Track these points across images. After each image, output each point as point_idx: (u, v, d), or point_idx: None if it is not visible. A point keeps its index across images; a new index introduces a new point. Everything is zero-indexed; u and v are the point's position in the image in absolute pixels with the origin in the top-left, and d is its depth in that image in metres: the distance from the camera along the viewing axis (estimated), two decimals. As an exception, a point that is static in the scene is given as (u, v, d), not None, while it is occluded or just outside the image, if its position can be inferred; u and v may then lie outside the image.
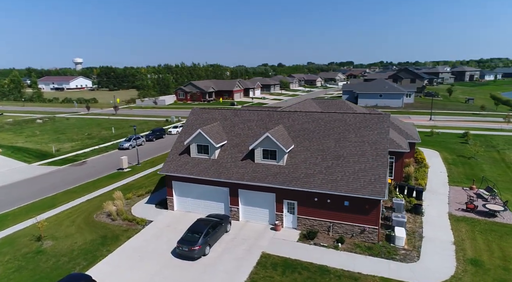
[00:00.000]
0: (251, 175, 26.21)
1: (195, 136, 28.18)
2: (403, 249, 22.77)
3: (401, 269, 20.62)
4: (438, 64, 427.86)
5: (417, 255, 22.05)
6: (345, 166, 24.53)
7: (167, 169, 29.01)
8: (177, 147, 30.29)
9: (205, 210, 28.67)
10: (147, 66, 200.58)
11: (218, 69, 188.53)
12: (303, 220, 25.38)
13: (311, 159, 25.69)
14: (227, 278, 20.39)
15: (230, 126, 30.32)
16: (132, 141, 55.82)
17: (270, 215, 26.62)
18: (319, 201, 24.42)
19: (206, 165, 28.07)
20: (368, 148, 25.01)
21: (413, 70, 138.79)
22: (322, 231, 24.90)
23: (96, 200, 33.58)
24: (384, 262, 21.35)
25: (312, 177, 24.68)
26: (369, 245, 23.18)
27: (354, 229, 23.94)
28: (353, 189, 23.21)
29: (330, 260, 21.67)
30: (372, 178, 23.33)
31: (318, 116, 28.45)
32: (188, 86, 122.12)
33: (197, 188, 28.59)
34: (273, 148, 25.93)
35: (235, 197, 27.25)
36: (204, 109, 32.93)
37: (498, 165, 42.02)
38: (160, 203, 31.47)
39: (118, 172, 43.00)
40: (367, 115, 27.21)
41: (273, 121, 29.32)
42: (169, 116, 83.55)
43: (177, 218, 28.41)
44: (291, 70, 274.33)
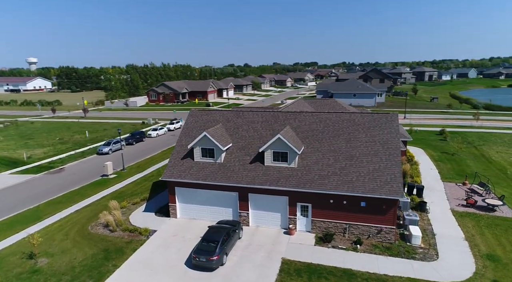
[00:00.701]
0: (262, 178, 25.34)
1: (199, 139, 26.82)
2: (420, 247, 22.93)
3: (424, 268, 20.67)
4: (397, 65, 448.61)
5: (435, 253, 22.27)
6: (359, 166, 24.34)
7: (169, 174, 27.39)
8: (178, 151, 28.73)
9: (212, 216, 27.41)
10: (113, 67, 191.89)
11: (188, 70, 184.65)
12: (318, 223, 24.90)
13: (323, 160, 25.27)
14: (252, 288, 19.44)
15: (234, 128, 29.24)
16: (112, 145, 52.84)
17: (282, 219, 25.89)
18: (335, 202, 24.05)
19: (212, 169, 26.81)
20: (380, 148, 25.01)
21: (381, 70, 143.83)
22: (337, 233, 24.55)
23: (86, 210, 31.14)
24: (406, 262, 21.33)
25: (327, 178, 24.27)
26: (387, 245, 23.12)
27: (371, 230, 23.81)
28: (370, 190, 23.05)
29: (353, 263, 21.33)
30: (388, 178, 23.30)
31: (326, 117, 28.12)
32: (161, 87, 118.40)
33: (203, 194, 27.26)
34: (284, 149, 25.23)
35: (244, 201, 26.25)
36: (204, 111, 31.56)
37: (480, 160, 44.11)
38: (160, 210, 29.74)
39: (102, 178, 40.34)
40: (375, 115, 27.27)
41: (279, 123, 28.61)
42: (146, 119, 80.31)
43: (182, 226, 26.90)
44: (260, 70, 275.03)
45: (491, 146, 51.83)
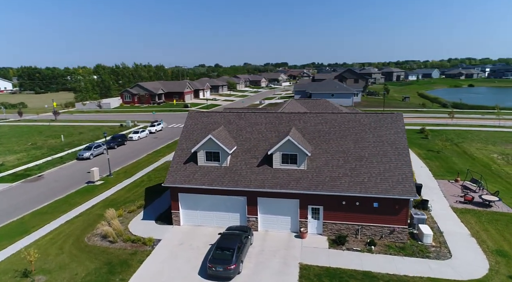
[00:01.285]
0: (271, 182, 24.69)
1: (204, 142, 25.74)
2: (432, 246, 23.20)
3: (442, 267, 20.87)
4: (364, 65, 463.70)
5: (448, 251, 22.59)
6: (369, 166, 24.30)
7: (172, 180, 26.08)
8: (179, 155, 27.46)
9: (218, 222, 26.43)
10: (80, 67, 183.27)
11: (161, 70, 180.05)
12: (329, 225, 24.61)
13: (332, 161, 25.01)
14: (276, 296, 18.75)
15: (237, 130, 28.38)
16: (94, 150, 50.12)
17: (293, 222, 25.38)
18: (347, 204, 23.85)
19: (218, 173, 25.81)
20: (389, 148, 25.11)
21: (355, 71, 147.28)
22: (350, 234, 24.37)
23: (78, 220, 29.09)
24: (422, 262, 21.45)
25: (338, 180, 24.02)
26: (400, 245, 23.19)
27: (383, 230, 23.82)
28: (383, 190, 23.04)
29: (371, 265, 21.18)
30: (399, 178, 23.40)
31: (331, 117, 27.92)
32: (135, 88, 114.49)
33: (208, 199, 26.21)
34: (294, 151, 24.73)
35: (253, 205, 25.49)
36: (203, 113, 30.42)
37: (463, 157, 45.87)
38: (160, 218, 28.30)
39: (88, 185, 38.02)
40: (380, 115, 27.40)
41: (283, 124, 28.08)
42: (124, 121, 77.15)
43: (187, 233, 25.70)
44: (233, 71, 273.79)
45: (470, 143, 54.14)
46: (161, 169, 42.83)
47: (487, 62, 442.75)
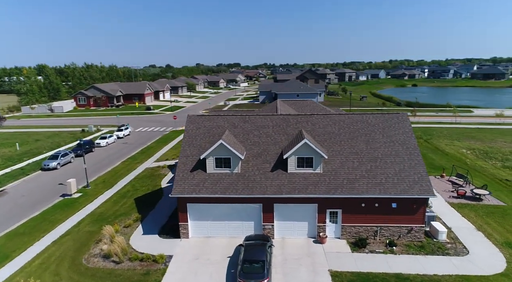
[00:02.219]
0: (288, 187, 23.78)
1: (215, 148, 24.11)
2: (447, 242, 23.81)
3: (464, 264, 21.37)
4: (314, 66, 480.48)
5: (463, 247, 23.30)
6: (384, 167, 24.37)
7: (180, 190, 24.10)
8: (184, 163, 25.50)
9: (231, 232, 24.95)
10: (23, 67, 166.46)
11: (114, 71, 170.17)
12: (348, 228, 24.29)
13: (347, 163, 24.73)
14: (318, 308, 17.90)
15: (243, 134, 27.06)
16: (61, 159, 45.48)
17: (310, 228, 24.69)
18: (366, 206, 23.69)
19: (230, 180, 24.33)
20: (400, 148, 25.40)
21: (315, 71, 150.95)
22: (368, 236, 24.23)
23: (67, 240, 25.88)
24: (445, 259, 21.86)
25: (356, 182, 23.78)
26: (418, 244, 23.51)
27: (401, 230, 24.00)
28: (402, 190, 23.20)
29: (399, 266, 21.15)
30: (415, 177, 23.73)
31: (338, 118, 27.67)
32: (91, 90, 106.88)
33: (219, 208, 24.63)
34: (310, 155, 24.05)
35: (269, 213, 24.39)
36: (204, 117, 28.61)
37: (437, 153, 48.49)
38: (163, 231, 26.10)
39: (65, 199, 34.25)
40: (387, 115, 27.68)
41: (291, 127, 27.29)
42: (86, 126, 71.34)
43: (200, 247, 23.90)
44: (189, 71, 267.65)
45: (437, 139, 57.54)
46: (143, 177, 39.92)
47: (423, 63, 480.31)
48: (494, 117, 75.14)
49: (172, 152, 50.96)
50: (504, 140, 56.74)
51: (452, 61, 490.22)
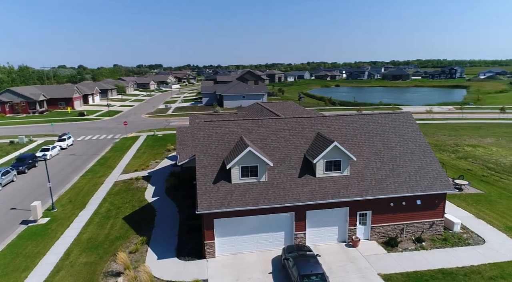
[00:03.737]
0: (320, 192, 22.92)
1: (242, 156, 22.06)
2: (462, 233, 25.39)
3: (488, 252, 22.81)
4: (238, 68, 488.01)
5: (477, 235, 25.03)
6: (405, 166, 25.02)
7: (207, 205, 21.52)
8: (203, 174, 22.88)
9: (260, 246, 23.19)
10: None
11: (26, 72, 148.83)
12: (377, 229, 24.35)
13: (370, 164, 24.81)
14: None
15: (260, 139, 25.37)
16: (1, 178, 37.81)
17: (340, 232, 24.18)
18: (395, 205, 24.03)
19: (259, 190, 22.54)
20: (413, 146, 26.36)
21: (254, 72, 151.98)
22: (396, 235, 24.61)
23: (63, 278, 21.26)
24: (471, 249, 23.17)
25: (383, 182, 23.96)
26: (440, 237, 24.60)
27: (424, 225, 24.88)
28: (426, 187, 24.05)
29: (438, 261, 21.76)
30: (434, 174, 24.81)
31: (351, 119, 27.68)
32: (5, 94, 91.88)
33: (248, 221, 22.67)
34: (338, 157, 23.53)
35: (301, 221, 23.21)
36: (213, 122, 26.08)
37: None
38: (181, 252, 23.11)
39: (31, 226, 28.46)
40: (393, 115, 28.53)
41: (307, 129, 26.44)
42: (16, 137, 60.76)
43: (232, 266, 21.64)
44: (110, 73, 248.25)
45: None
46: (119, 193, 35.25)
47: (337, 65, 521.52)
48: (425, 113, 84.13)
49: (137, 162, 46.15)
50: (443, 133, 63.76)
51: (360, 64, 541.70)
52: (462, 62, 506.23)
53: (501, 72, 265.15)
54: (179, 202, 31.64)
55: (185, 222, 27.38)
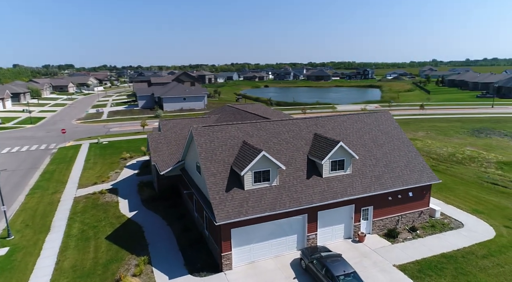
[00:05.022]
0: (329, 192, 23.31)
1: (256, 162, 21.29)
2: (443, 219, 28.10)
3: (471, 234, 25.61)
4: (161, 68, 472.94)
5: (455, 220, 27.98)
6: (395, 161, 26.78)
7: (225, 215, 20.28)
8: (214, 183, 21.52)
9: (274, 251, 22.71)
10: None
11: None
12: (377, 222, 25.62)
13: (366, 161, 26.01)
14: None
15: (263, 142, 24.76)
16: None
17: (346, 229, 24.88)
18: (393, 199, 25.56)
19: (272, 195, 22.02)
20: (398, 142, 28.33)
21: (190, 74, 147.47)
22: (393, 227, 26.17)
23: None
24: (456, 233, 25.76)
25: (381, 178, 25.32)
26: (428, 225, 26.89)
27: (414, 215, 26.93)
28: (416, 180, 26.07)
29: (436, 247, 23.67)
30: (420, 167, 27.03)
31: (341, 119, 28.60)
32: None
33: (264, 228, 22.01)
34: (342, 157, 24.20)
35: (313, 222, 23.30)
36: (212, 127, 24.59)
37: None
38: (194, 269, 21.44)
39: (-11, 259, 23.67)
40: (376, 114, 30.22)
41: (305, 131, 26.61)
42: None
43: (253, 275, 20.78)
44: (13, 74, 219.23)
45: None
46: (87, 210, 31.29)
47: (260, 66, 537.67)
48: (359, 111, 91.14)
49: (91, 174, 41.48)
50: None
51: (282, 65, 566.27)
52: (369, 65, 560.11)
53: (403, 73, 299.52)
54: (164, 214, 29.30)
55: (182, 235, 25.46)
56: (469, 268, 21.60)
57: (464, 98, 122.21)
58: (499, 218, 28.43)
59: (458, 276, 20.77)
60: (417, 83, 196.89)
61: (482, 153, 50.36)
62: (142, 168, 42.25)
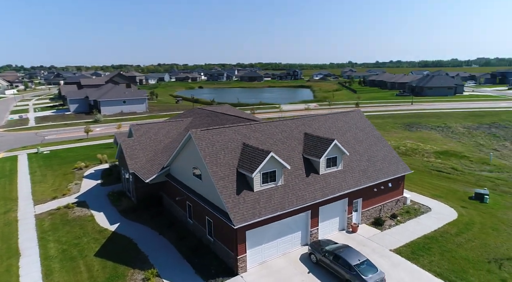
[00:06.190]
0: (328, 188, 24.62)
1: (265, 163, 21.61)
2: (413, 204, 31.41)
3: (440, 216, 29.04)
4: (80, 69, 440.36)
5: (423, 205, 31.45)
6: (375, 156, 29.20)
7: (241, 218, 20.24)
8: (224, 187, 21.27)
9: (282, 249, 23.30)
10: None
11: None
12: (365, 213, 27.67)
13: (352, 157, 27.88)
14: (425, 280, 20.73)
15: (261, 143, 25.06)
16: None
17: (340, 221, 26.44)
18: (378, 190, 27.85)
19: (280, 194, 22.55)
20: (373, 138, 30.88)
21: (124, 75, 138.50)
22: (378, 215, 28.50)
23: None
24: (428, 216, 29.01)
25: (367, 171, 27.46)
26: (403, 211, 29.87)
27: (392, 203, 29.66)
28: (394, 171, 28.80)
29: (418, 230, 26.43)
30: (395, 160, 29.87)
31: (324, 119, 30.16)
32: None
33: (273, 227, 22.43)
34: (335, 154, 25.71)
35: (315, 217, 24.37)
36: (209, 131, 24.03)
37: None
38: (208, 275, 21.02)
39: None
40: (351, 113, 32.43)
41: (296, 131, 27.55)
42: None
43: (269, 275, 21.09)
44: None
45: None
46: (56, 227, 28.30)
47: (188, 67, 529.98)
48: (304, 110, 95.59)
49: (45, 188, 37.36)
50: (328, 127, 74.32)
51: (211, 65, 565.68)
52: (294, 66, 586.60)
53: (328, 74, 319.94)
54: (152, 224, 27.85)
55: (180, 243, 24.57)
56: (449, 245, 24.69)
57: (386, 96, 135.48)
58: (455, 200, 32.75)
59: (443, 253, 23.62)
60: (342, 83, 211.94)
61: (420, 144, 56.99)
62: (105, 177, 39.19)
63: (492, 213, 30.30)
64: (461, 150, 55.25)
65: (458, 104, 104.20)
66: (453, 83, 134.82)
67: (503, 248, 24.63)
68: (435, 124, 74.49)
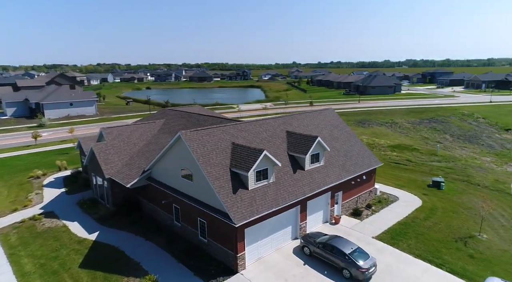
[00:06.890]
0: (314, 183, 25.74)
1: (259, 162, 22.07)
2: (382, 194, 33.89)
3: (408, 204, 31.60)
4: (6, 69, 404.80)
5: (391, 194, 34.08)
6: (350, 150, 31.03)
7: (241, 216, 20.47)
8: (220, 186, 21.31)
9: (275, 244, 23.93)
10: None
11: None
12: (345, 204, 29.30)
13: (331, 152, 29.34)
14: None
15: (249, 143, 25.42)
16: None
17: (324, 214, 27.72)
18: (355, 183, 29.64)
19: (272, 191, 23.14)
20: (346, 135, 32.74)
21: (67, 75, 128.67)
22: (355, 207, 30.31)
23: None
24: (398, 205, 31.47)
25: (345, 166, 29.11)
26: (376, 201, 32.11)
27: (366, 195, 31.73)
28: (368, 165, 30.87)
29: (393, 218, 28.66)
30: (367, 154, 32.00)
31: (301, 117, 31.27)
32: None
33: (268, 224, 22.97)
34: (317, 151, 26.94)
35: (303, 212, 25.33)
36: (198, 131, 23.76)
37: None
38: (207, 276, 20.96)
39: None
40: (324, 111, 33.97)
41: (278, 129, 28.27)
42: None
43: (269, 270, 21.59)
44: None
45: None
46: (26, 241, 26.10)
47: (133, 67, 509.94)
48: (262, 109, 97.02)
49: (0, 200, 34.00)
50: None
51: (157, 65, 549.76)
52: (241, 66, 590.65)
53: (276, 74, 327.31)
54: (135, 230, 26.84)
55: (171, 247, 24.07)
56: (421, 229, 27.17)
57: (334, 95, 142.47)
58: (416, 189, 35.90)
59: (418, 237, 25.96)
60: (291, 83, 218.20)
61: (375, 139, 61.12)
62: (69, 185, 36.68)
63: (449, 198, 33.78)
64: (410, 143, 60.30)
65: (398, 101, 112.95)
66: (392, 82, 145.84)
67: (464, 228, 27.69)
68: (384, 121, 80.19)
